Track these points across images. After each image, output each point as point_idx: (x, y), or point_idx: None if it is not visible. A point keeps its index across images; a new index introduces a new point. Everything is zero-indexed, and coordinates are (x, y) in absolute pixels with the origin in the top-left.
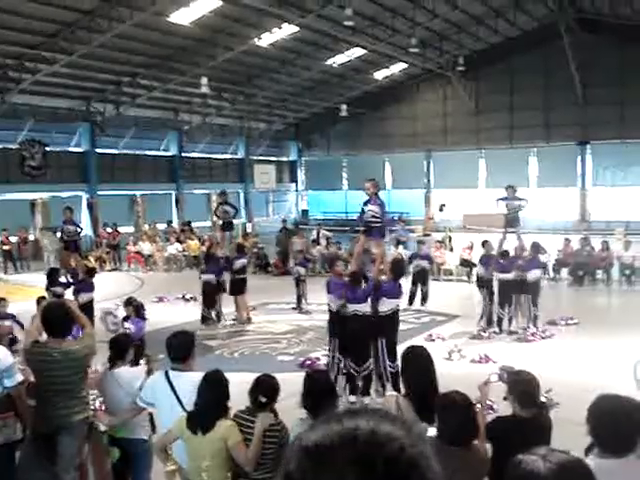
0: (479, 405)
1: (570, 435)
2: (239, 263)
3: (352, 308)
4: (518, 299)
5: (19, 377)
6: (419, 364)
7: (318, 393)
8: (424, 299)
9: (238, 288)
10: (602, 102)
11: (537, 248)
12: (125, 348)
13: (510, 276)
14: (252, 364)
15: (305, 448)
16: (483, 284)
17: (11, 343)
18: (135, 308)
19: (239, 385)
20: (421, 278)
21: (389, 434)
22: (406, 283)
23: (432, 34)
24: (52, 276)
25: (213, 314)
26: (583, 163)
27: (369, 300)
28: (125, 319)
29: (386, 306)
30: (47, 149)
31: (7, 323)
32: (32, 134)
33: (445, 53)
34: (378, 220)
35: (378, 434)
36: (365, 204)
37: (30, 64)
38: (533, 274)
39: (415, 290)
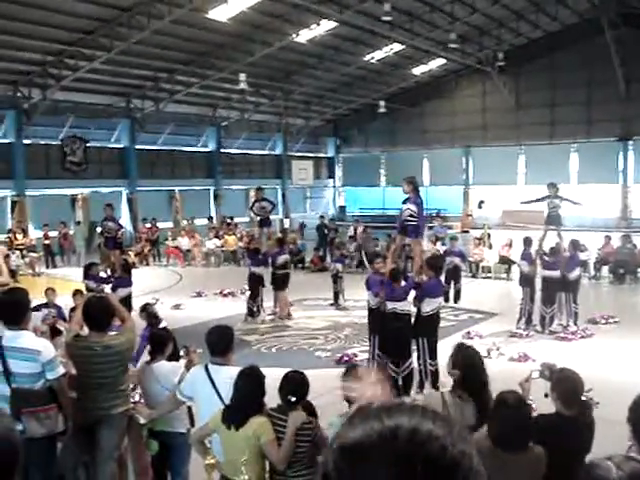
0: None
1: (610, 435)
2: (281, 259)
3: (391, 306)
4: (560, 297)
5: (61, 370)
6: (470, 361)
7: None
8: (457, 297)
9: (281, 283)
10: None
11: (576, 245)
12: (164, 342)
13: (556, 274)
14: (289, 359)
15: (342, 448)
16: (527, 282)
17: (54, 333)
18: (149, 316)
19: (276, 381)
20: (454, 275)
21: (430, 433)
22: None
23: (471, 29)
24: (87, 270)
25: (256, 307)
26: (625, 159)
27: (409, 298)
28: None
29: (430, 306)
30: (88, 145)
31: (53, 311)
32: (73, 130)
33: (485, 48)
34: (415, 219)
35: (419, 433)
36: (404, 202)
37: (70, 61)
38: (574, 273)
39: (448, 288)
